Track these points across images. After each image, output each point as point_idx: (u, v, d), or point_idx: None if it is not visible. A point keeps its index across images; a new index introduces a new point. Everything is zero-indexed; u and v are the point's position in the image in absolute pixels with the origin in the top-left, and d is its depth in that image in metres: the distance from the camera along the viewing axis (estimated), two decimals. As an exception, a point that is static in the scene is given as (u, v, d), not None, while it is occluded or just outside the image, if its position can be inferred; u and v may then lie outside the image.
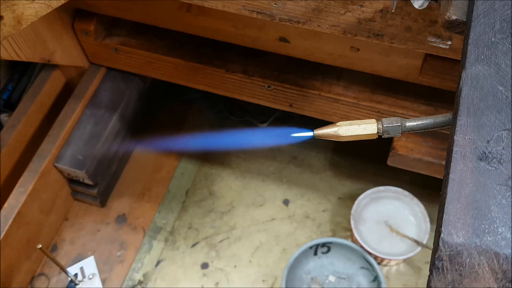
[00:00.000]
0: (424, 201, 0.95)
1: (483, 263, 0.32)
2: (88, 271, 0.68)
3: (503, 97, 0.36)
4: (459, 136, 0.35)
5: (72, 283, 0.66)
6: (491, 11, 0.38)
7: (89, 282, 0.67)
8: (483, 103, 0.36)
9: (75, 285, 0.66)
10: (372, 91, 0.86)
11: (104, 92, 1.03)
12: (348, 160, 1.11)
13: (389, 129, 0.46)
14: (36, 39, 0.87)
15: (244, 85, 0.91)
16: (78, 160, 0.96)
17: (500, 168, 0.34)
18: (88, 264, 0.69)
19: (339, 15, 0.62)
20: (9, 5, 0.64)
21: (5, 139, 0.96)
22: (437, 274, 0.33)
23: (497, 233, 0.32)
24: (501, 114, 0.35)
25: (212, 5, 0.67)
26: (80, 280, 0.67)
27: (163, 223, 1.05)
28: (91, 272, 0.69)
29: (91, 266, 0.71)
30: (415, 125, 0.46)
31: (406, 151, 0.87)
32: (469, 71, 0.37)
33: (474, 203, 0.33)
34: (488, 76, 0.37)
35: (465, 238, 0.33)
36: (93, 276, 0.69)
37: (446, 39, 0.61)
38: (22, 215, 0.91)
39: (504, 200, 0.33)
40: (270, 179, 1.10)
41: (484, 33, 0.38)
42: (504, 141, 0.35)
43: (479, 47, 0.37)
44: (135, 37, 0.96)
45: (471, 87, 0.36)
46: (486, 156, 0.34)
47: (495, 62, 0.37)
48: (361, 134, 0.46)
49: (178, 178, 1.11)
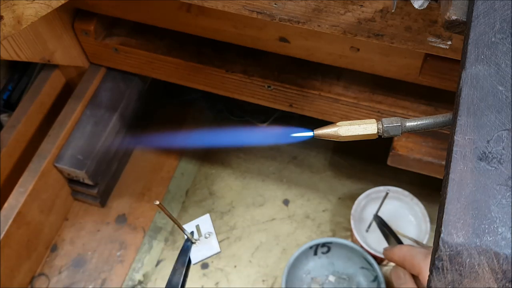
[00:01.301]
0: (424, 201, 0.95)
1: (483, 263, 0.32)
2: (204, 229, 0.62)
3: (503, 97, 0.36)
4: (459, 136, 0.35)
5: (188, 242, 0.62)
6: (491, 11, 0.38)
7: (206, 241, 0.62)
8: (483, 103, 0.36)
9: (191, 243, 0.61)
10: (372, 91, 0.86)
11: (104, 92, 1.03)
12: (348, 160, 1.11)
13: (389, 129, 0.46)
14: (36, 39, 0.87)
15: (244, 85, 0.91)
16: (78, 160, 0.96)
17: (500, 168, 0.34)
18: (204, 222, 0.63)
19: (339, 15, 0.62)
20: (9, 5, 0.64)
21: (5, 139, 0.96)
22: (437, 274, 0.33)
23: (497, 233, 0.32)
24: (501, 114, 0.35)
25: (212, 5, 0.67)
26: (196, 239, 0.61)
27: (163, 223, 1.05)
28: (208, 230, 0.63)
29: (207, 224, 0.64)
30: (415, 125, 0.46)
31: (406, 151, 0.87)
32: (469, 71, 0.37)
33: (474, 203, 0.33)
34: (488, 76, 0.37)
35: (465, 238, 0.33)
36: (209, 235, 0.63)
37: (446, 39, 0.62)
38: (22, 215, 0.91)
39: (504, 200, 0.33)
40: (270, 179, 1.10)
41: (484, 33, 0.38)
42: (504, 141, 0.35)
43: (479, 47, 0.37)
44: (135, 37, 0.96)
45: (471, 87, 0.36)
46: (486, 156, 0.34)
47: (495, 62, 0.37)
48: (361, 134, 0.46)
49: (178, 178, 1.11)
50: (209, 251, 0.61)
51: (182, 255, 0.60)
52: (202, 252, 0.61)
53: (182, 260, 0.59)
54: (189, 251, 0.60)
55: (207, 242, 0.61)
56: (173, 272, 0.57)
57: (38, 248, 1.00)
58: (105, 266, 1.01)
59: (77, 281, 0.99)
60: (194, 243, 0.61)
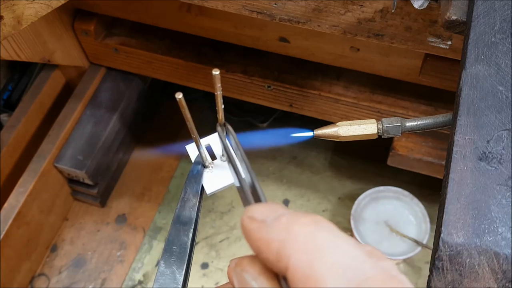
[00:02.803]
0: (424, 201, 0.95)
1: (483, 263, 0.32)
2: (218, 150, 0.45)
3: (503, 97, 0.36)
4: (459, 136, 0.35)
5: (198, 165, 0.45)
6: (491, 11, 0.38)
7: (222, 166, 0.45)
8: (483, 103, 0.36)
9: (203, 167, 0.45)
10: (372, 91, 0.86)
11: (104, 92, 1.03)
12: (348, 160, 1.11)
13: (389, 129, 0.46)
14: (36, 39, 0.87)
15: (244, 85, 0.91)
16: (78, 160, 0.96)
17: (500, 168, 0.34)
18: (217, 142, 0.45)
19: (339, 15, 0.62)
20: (9, 5, 0.64)
21: (5, 139, 0.96)
22: (437, 274, 0.33)
23: (497, 233, 0.32)
24: (501, 114, 0.35)
25: (212, 5, 0.67)
26: (210, 162, 0.44)
27: (163, 223, 1.05)
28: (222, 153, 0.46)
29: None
30: (415, 125, 0.46)
31: (406, 151, 0.87)
32: (469, 71, 0.37)
33: (474, 203, 0.33)
34: (488, 76, 0.37)
35: (465, 238, 0.33)
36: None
37: (446, 39, 0.62)
38: (22, 215, 0.91)
39: (504, 200, 0.33)
40: (270, 179, 1.10)
41: (484, 33, 0.38)
42: (504, 141, 0.35)
43: (479, 47, 0.37)
44: (135, 37, 0.96)
45: (471, 87, 0.36)
46: (486, 156, 0.34)
47: (495, 62, 0.37)
48: (361, 134, 0.46)
49: (178, 178, 1.11)
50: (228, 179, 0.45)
51: (192, 182, 0.44)
52: (219, 180, 0.45)
53: (193, 189, 0.44)
54: (201, 176, 0.45)
55: (224, 166, 0.45)
56: (182, 204, 0.42)
57: (38, 248, 1.00)
58: (105, 266, 1.01)
59: (77, 281, 0.99)
60: (208, 167, 0.45)
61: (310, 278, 0.23)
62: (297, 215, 0.25)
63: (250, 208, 0.28)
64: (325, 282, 0.23)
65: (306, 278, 0.23)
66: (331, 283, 0.23)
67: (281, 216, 0.26)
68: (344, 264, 0.23)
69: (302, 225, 0.25)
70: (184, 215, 0.41)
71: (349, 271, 0.23)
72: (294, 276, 0.24)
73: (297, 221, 0.25)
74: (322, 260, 0.23)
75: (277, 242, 0.25)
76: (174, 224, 0.40)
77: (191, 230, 0.39)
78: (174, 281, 0.35)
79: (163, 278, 0.35)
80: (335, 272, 0.23)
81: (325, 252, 0.24)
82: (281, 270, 0.25)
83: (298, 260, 0.24)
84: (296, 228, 0.25)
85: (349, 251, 0.24)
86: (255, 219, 0.27)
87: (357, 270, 0.23)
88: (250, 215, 0.27)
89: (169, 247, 0.37)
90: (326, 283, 0.23)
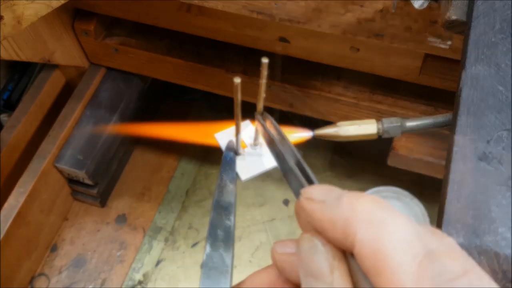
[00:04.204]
0: (424, 201, 0.95)
1: (483, 263, 0.32)
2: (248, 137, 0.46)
3: (503, 97, 0.36)
4: (459, 136, 0.35)
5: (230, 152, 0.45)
6: (491, 11, 0.38)
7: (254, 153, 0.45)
8: (483, 103, 0.36)
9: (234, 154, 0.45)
10: (372, 91, 0.86)
11: (104, 92, 1.03)
12: (348, 160, 1.11)
13: (389, 129, 0.46)
14: (36, 39, 0.87)
15: (244, 85, 0.91)
16: (78, 160, 0.96)
17: (500, 168, 0.34)
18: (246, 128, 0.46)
19: (339, 15, 0.62)
20: (9, 5, 0.64)
21: (5, 139, 0.96)
22: (437, 274, 0.33)
23: (497, 233, 0.32)
24: (501, 114, 0.35)
25: (212, 5, 0.67)
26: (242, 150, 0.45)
27: (163, 223, 1.05)
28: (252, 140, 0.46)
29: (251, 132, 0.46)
30: (415, 125, 0.46)
31: (406, 151, 0.87)
32: (469, 71, 0.37)
33: (474, 203, 0.33)
34: (488, 76, 0.37)
35: (465, 238, 0.33)
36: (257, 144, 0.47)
37: (446, 39, 0.62)
38: (22, 215, 0.91)
39: (504, 200, 0.33)
40: (270, 179, 1.10)
41: (484, 33, 0.38)
42: (504, 141, 0.35)
43: (479, 47, 0.37)
44: (135, 37, 0.96)
45: (471, 87, 0.36)
46: (486, 156, 0.34)
47: (495, 62, 0.37)
48: (361, 134, 0.46)
49: (178, 178, 1.11)
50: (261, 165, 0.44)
51: (227, 169, 0.44)
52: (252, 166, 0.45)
53: (229, 175, 0.44)
54: (235, 163, 0.45)
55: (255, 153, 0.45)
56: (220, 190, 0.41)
57: (38, 248, 1.00)
58: (105, 266, 1.01)
59: (77, 281, 0.99)
60: (240, 154, 0.46)
61: (377, 252, 0.24)
62: (357, 194, 0.26)
63: (307, 189, 0.30)
64: (392, 256, 0.23)
65: (373, 252, 0.24)
66: (398, 257, 0.23)
67: (342, 195, 0.27)
68: (410, 239, 0.24)
69: (364, 203, 0.26)
70: (223, 200, 0.41)
71: (415, 245, 0.24)
72: (361, 251, 0.24)
73: (358, 200, 0.26)
74: (388, 236, 0.24)
75: (343, 220, 0.25)
76: (215, 209, 0.40)
77: (232, 214, 0.40)
78: (223, 263, 0.35)
79: (212, 261, 0.35)
80: (402, 246, 0.24)
81: (390, 228, 0.24)
82: (348, 247, 0.25)
83: (365, 236, 0.24)
84: (358, 206, 0.25)
85: (413, 227, 0.24)
86: (314, 199, 0.28)
87: (423, 244, 0.24)
88: (308, 196, 0.29)
89: (213, 232, 0.37)
90: (393, 257, 0.23)
